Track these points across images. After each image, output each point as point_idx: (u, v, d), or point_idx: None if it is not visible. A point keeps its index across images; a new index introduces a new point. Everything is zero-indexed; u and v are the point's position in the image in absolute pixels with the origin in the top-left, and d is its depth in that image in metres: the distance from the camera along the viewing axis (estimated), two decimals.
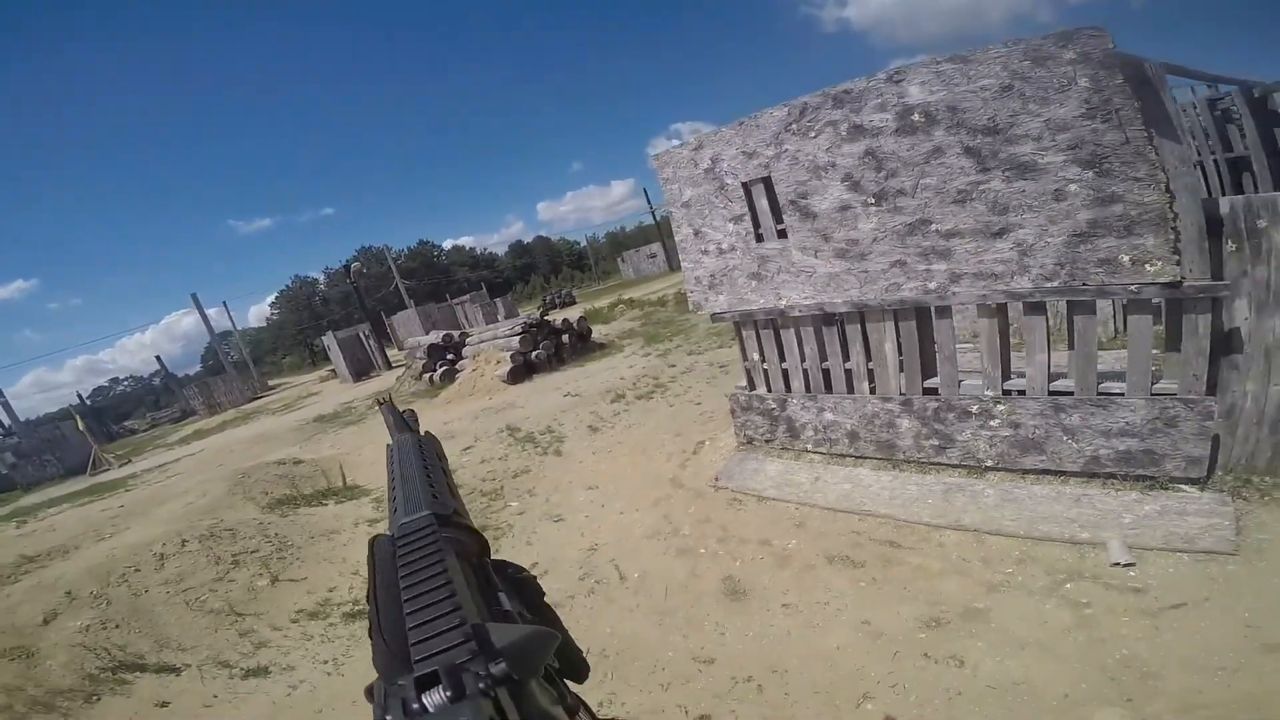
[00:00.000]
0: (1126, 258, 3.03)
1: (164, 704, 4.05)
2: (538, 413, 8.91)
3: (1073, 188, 3.04)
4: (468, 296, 35.06)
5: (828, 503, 4.03)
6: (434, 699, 0.32)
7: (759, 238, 4.33)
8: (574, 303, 31.17)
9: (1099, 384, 3.44)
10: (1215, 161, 7.47)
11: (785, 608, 3.31)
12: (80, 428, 22.47)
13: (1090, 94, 2.86)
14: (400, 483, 0.60)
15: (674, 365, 9.46)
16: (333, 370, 27.35)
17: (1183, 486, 3.30)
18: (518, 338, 12.41)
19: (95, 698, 4.15)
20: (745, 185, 4.28)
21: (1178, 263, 2.96)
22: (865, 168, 3.65)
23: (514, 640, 0.37)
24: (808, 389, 4.54)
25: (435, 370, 14.55)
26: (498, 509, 5.86)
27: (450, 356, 14.83)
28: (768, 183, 4.16)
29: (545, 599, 0.57)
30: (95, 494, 13.60)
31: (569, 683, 0.50)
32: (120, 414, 51.25)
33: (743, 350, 4.88)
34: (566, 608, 3.94)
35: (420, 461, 0.65)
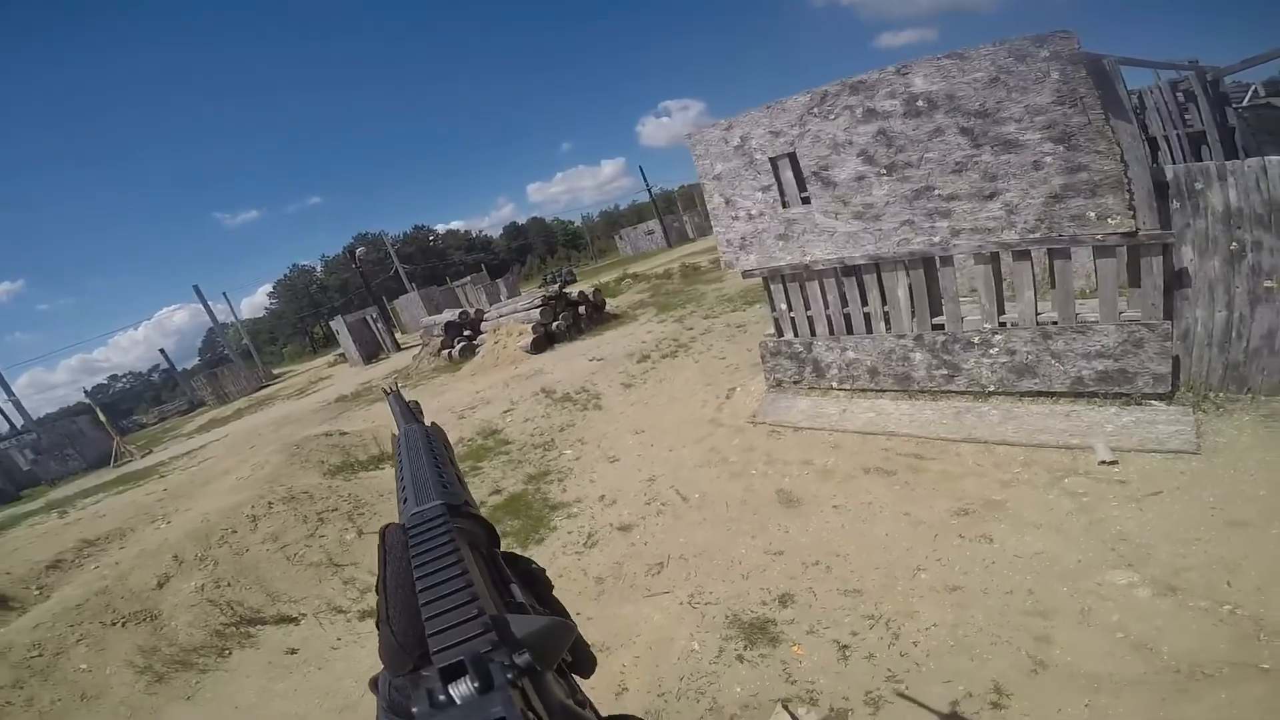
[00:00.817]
0: (1093, 214, 3.80)
1: (293, 651, 4.38)
2: (568, 376, 9.45)
3: (1048, 159, 3.80)
4: (469, 278, 35.61)
5: (856, 428, 4.84)
6: (461, 690, 0.32)
7: (785, 204, 5.08)
8: (575, 280, 31.67)
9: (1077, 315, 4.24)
10: (1177, 136, 8.25)
11: (835, 509, 4.09)
12: (102, 420, 22.96)
13: (1060, 85, 3.60)
14: (410, 473, 0.60)
15: (691, 329, 10.15)
16: (341, 355, 27.87)
17: (1152, 401, 4.09)
18: (538, 310, 13.06)
19: (227, 651, 4.49)
20: (773, 160, 5.01)
21: (1133, 217, 3.73)
22: (878, 144, 4.39)
23: (533, 631, 0.38)
24: (831, 332, 5.33)
25: (454, 347, 15.20)
26: (554, 457, 6.58)
27: (467, 333, 15.46)
28: (793, 157, 4.89)
29: (554, 591, 0.56)
30: (129, 483, 14.00)
31: (576, 678, 0.50)
32: (122, 410, 51.46)
33: (771, 301, 5.65)
34: (639, 529, 4.65)
35: (428, 451, 0.65)
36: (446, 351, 15.34)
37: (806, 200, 4.92)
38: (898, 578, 3.34)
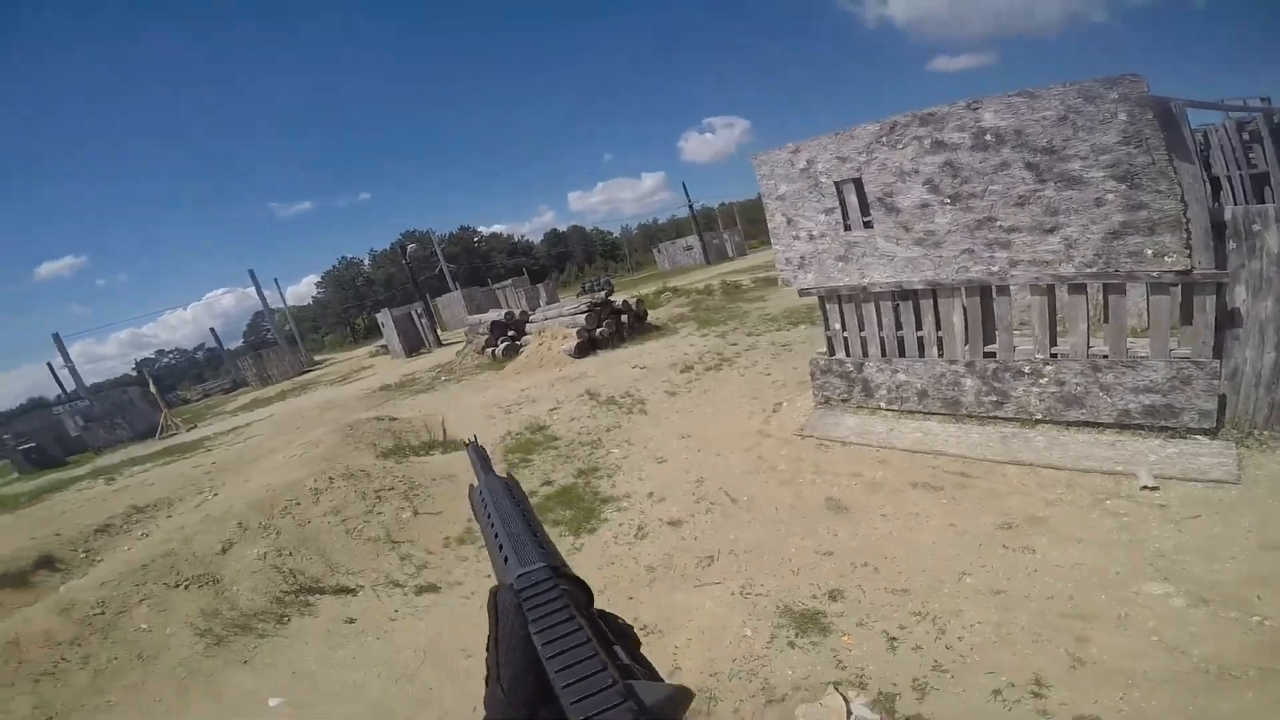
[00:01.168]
0: (1150, 251, 3.98)
1: (350, 620, 4.49)
2: (611, 381, 9.65)
3: (1110, 196, 4.00)
4: (509, 281, 36.42)
5: (904, 446, 5.03)
6: None
7: (847, 227, 5.33)
8: (612, 290, 32.09)
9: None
10: (1240, 177, 8.28)
11: (884, 517, 4.28)
12: (154, 392, 23.84)
13: (1127, 126, 3.81)
14: (504, 530, 0.61)
15: (735, 345, 10.33)
16: (383, 346, 28.64)
17: (1197, 436, 4.22)
18: (584, 315, 13.38)
19: (285, 618, 4.59)
20: (838, 184, 5.27)
21: (1189, 256, 3.89)
22: (944, 175, 4.63)
23: (661, 699, 0.39)
24: (883, 354, 5.53)
25: (497, 345, 15.61)
26: (601, 455, 6.79)
27: (511, 333, 15.87)
28: (858, 183, 5.15)
29: (642, 649, 0.56)
30: (176, 455, 14.48)
31: None
32: (166, 385, 53.13)
33: (825, 320, 5.87)
34: (689, 524, 4.85)
35: (517, 508, 0.66)
36: (490, 350, 15.75)
37: (869, 224, 5.16)
38: (944, 581, 3.52)
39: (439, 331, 27.40)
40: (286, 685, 3.93)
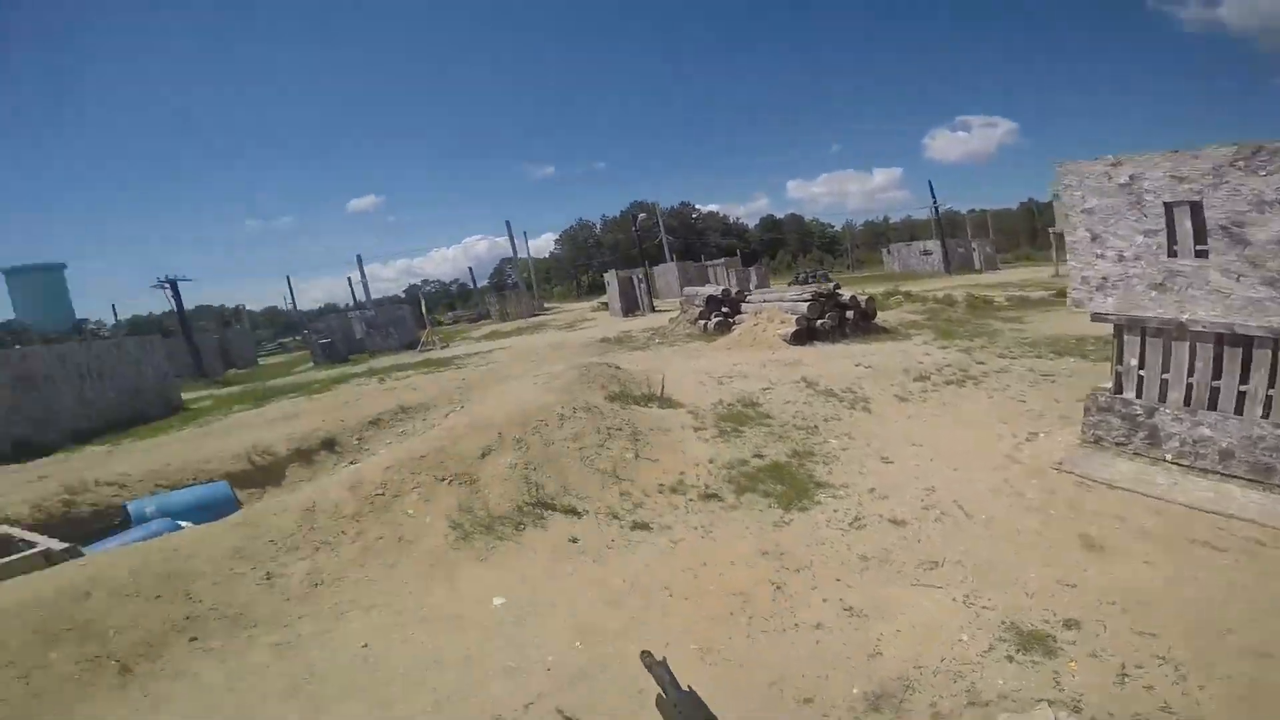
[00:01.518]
0: None
1: (574, 540, 4.83)
2: (830, 374, 9.33)
3: None
4: (722, 261, 36.86)
5: (1188, 502, 4.44)
6: None
7: (1172, 253, 4.71)
8: (837, 284, 31.01)
9: None
10: None
11: (1147, 564, 3.90)
12: (424, 312, 28.21)
13: None
14: None
15: (982, 364, 9.49)
16: (603, 302, 30.86)
17: None
18: (805, 303, 13.21)
19: (521, 526, 4.98)
20: (1169, 205, 4.67)
21: None
22: None
23: None
24: (1186, 402, 4.86)
25: (709, 319, 16.06)
26: (818, 442, 6.75)
27: (725, 310, 16.21)
28: (1195, 207, 4.52)
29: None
30: (433, 367, 16.79)
31: None
32: (427, 307, 62.23)
33: (1119, 353, 5.28)
34: (913, 527, 4.77)
35: None
36: (703, 322, 16.25)
37: (1202, 254, 4.53)
38: (1202, 633, 3.22)
39: (653, 298, 28.75)
40: (511, 588, 4.34)
